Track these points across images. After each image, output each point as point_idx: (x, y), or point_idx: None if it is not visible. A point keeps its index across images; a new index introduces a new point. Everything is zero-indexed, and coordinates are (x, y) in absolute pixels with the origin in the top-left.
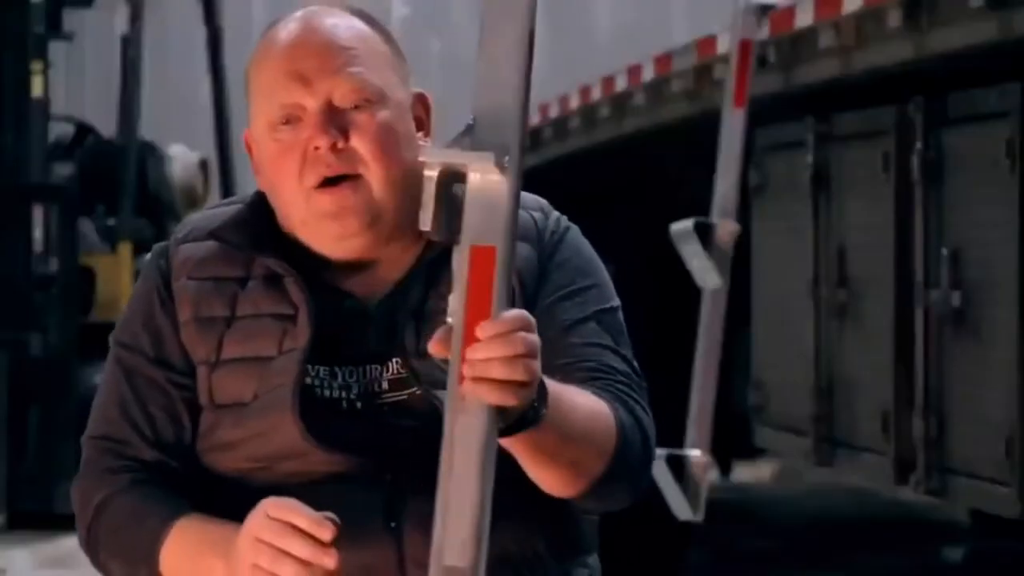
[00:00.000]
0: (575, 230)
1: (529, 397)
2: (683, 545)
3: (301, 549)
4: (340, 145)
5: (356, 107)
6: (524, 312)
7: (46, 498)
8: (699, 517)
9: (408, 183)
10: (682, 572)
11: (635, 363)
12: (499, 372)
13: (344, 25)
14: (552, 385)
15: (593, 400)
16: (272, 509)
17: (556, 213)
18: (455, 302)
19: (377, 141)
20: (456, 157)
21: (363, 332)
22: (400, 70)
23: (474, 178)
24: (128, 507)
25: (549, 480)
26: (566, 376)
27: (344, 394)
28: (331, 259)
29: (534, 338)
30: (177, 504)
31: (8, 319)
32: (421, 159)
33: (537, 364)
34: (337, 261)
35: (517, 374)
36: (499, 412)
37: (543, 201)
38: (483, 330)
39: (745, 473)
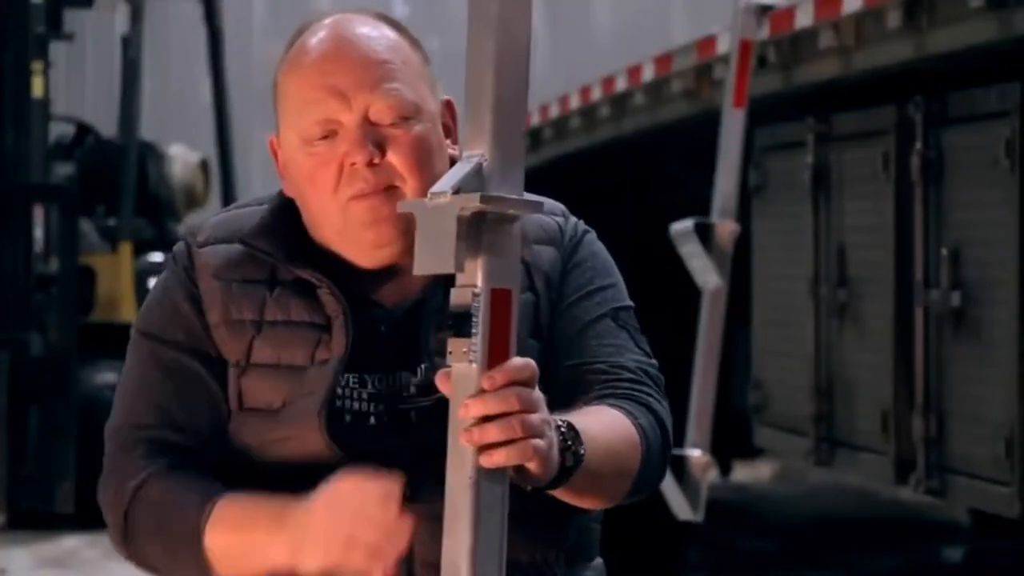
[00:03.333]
0: (592, 234)
1: (546, 448)
2: (683, 545)
3: (371, 534)
4: (376, 161)
5: (392, 123)
6: (526, 362)
7: (46, 498)
8: (699, 517)
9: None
10: (682, 572)
11: (652, 356)
12: (495, 434)
13: (377, 36)
14: (579, 423)
15: (614, 421)
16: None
17: (574, 218)
18: (479, 345)
19: (414, 156)
20: (473, 199)
21: (392, 339)
22: (429, 78)
23: (494, 220)
24: (167, 487)
25: (583, 505)
26: (578, 376)
27: (372, 403)
28: (359, 268)
29: (529, 393)
30: (215, 485)
31: (8, 319)
32: (433, 191)
33: (535, 418)
34: (365, 270)
35: (513, 432)
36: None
37: (562, 206)
38: (490, 381)
39: (745, 473)
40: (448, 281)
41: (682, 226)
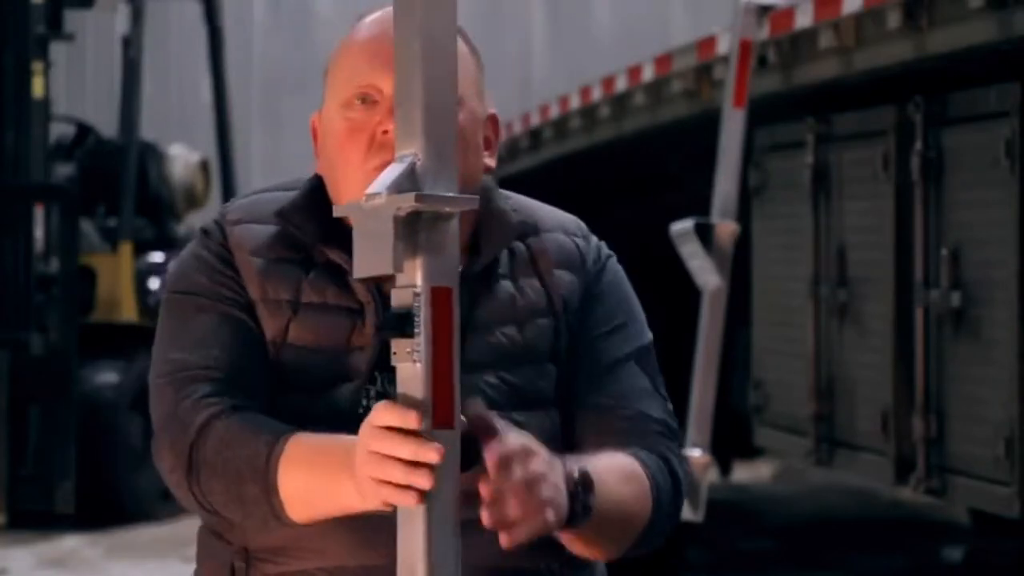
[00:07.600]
0: (614, 259)
1: (557, 519)
2: (683, 545)
3: (403, 449)
4: None
5: None
6: (522, 444)
7: (46, 498)
8: (699, 517)
9: (463, 188)
10: (682, 572)
11: (669, 402)
12: (513, 510)
13: None
14: (594, 472)
15: (629, 473)
16: (374, 417)
17: (595, 238)
18: (422, 345)
19: None
20: (408, 199)
21: None
22: (479, 85)
23: (430, 218)
24: (236, 426)
25: (583, 553)
26: (604, 418)
27: (380, 400)
28: None
29: (535, 469)
30: (281, 426)
31: (8, 319)
32: (368, 192)
33: (547, 488)
34: None
35: (527, 508)
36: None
37: (582, 224)
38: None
39: (745, 473)
40: (472, 286)
41: (682, 226)
